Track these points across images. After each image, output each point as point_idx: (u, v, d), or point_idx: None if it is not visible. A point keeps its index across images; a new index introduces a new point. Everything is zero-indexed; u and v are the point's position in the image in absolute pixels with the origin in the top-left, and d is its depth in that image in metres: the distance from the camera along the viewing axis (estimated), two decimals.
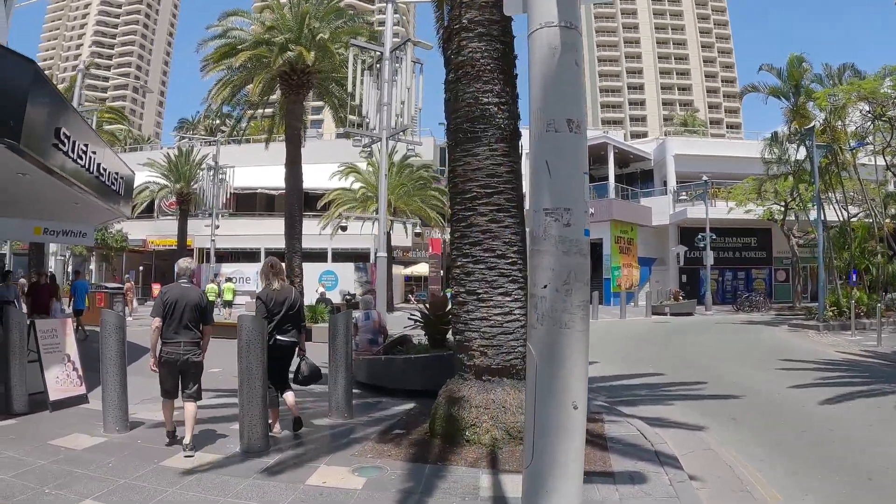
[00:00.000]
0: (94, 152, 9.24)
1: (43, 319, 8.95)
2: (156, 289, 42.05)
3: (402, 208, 31.90)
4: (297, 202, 18.58)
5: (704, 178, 37.22)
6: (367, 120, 16.80)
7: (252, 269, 38.81)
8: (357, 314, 10.49)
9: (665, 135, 58.69)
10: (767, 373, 11.96)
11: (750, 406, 8.80)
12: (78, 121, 8.93)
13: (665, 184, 45.24)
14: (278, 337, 6.51)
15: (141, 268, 46.14)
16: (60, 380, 8.05)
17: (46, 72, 13.90)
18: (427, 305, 10.21)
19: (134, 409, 7.42)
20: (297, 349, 6.87)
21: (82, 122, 9.82)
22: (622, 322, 26.25)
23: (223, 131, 47.58)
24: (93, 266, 45.49)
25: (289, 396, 6.81)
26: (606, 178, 43.22)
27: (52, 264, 47.68)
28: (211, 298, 33.69)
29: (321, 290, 30.33)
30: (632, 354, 15.27)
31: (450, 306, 9.65)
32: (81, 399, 8.22)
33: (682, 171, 43.89)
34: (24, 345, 7.74)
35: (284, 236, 18.45)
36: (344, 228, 23.05)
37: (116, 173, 11.16)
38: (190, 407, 5.99)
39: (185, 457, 5.68)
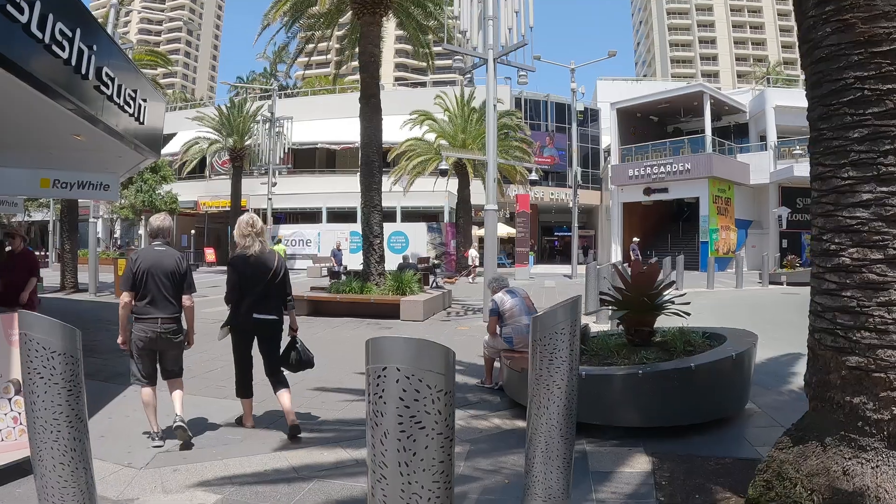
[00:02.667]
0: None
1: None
2: (209, 254, 39.57)
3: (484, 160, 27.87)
4: (374, 144, 14.92)
5: None
6: (468, 38, 13.22)
7: (313, 231, 35.85)
8: (499, 296, 6.92)
9: (760, 83, 53.22)
10: None
11: None
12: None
13: (762, 139, 40.92)
14: (256, 315, 5.17)
15: (193, 231, 43.64)
16: None
17: None
18: (626, 277, 6.41)
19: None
20: (279, 330, 5.41)
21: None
22: (742, 292, 22.15)
23: (278, 77, 44.25)
24: (141, 231, 43.05)
25: (284, 397, 5.26)
26: (701, 132, 39.06)
27: (99, 229, 45.96)
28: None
29: (336, 247, 26.94)
30: None
31: (656, 280, 6.07)
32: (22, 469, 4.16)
33: (783, 125, 39.42)
34: None
35: (361, 187, 14.89)
36: (444, 173, 19.23)
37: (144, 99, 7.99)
38: (174, 383, 5.12)
39: (176, 428, 4.79)
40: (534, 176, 21.71)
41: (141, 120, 8.18)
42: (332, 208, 37.61)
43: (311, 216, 38.68)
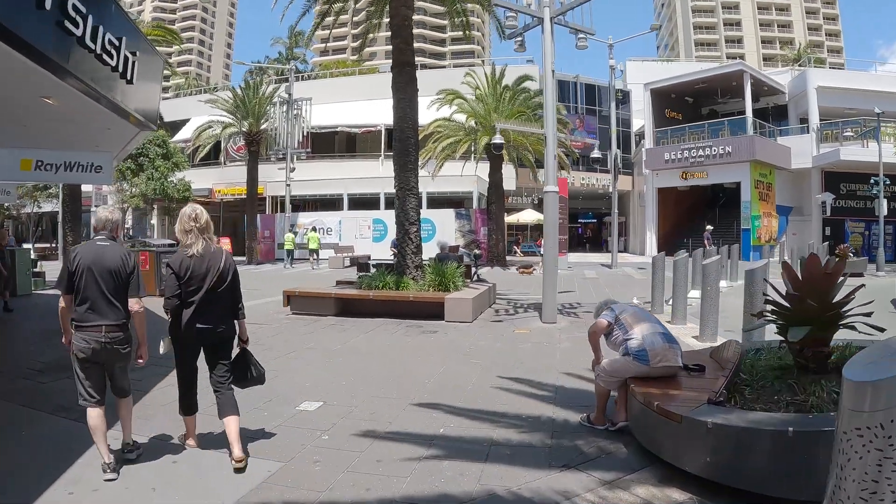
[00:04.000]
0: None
1: None
2: (224, 243, 37.99)
3: (520, 141, 25.96)
4: (409, 119, 13.11)
5: (878, 110, 30.22)
6: None
7: (334, 219, 34.13)
8: (614, 310, 5.25)
9: (800, 64, 50.76)
10: None
11: None
12: None
13: (802, 121, 38.62)
14: (200, 324, 4.30)
15: None
16: None
17: None
18: (793, 276, 4.58)
19: None
20: (228, 340, 4.57)
21: None
22: None
23: (295, 57, 42.41)
24: (154, 221, 41.55)
25: (232, 424, 4.32)
26: (738, 114, 37.22)
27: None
28: (288, 247, 29.43)
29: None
30: None
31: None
32: None
33: (825, 107, 37.16)
34: None
35: (394, 167, 13.13)
36: (499, 147, 17.04)
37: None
38: (122, 403, 4.40)
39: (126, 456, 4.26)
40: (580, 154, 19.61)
41: (128, 77, 6.46)
42: (354, 195, 35.75)
43: (331, 203, 36.92)
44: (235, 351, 4.68)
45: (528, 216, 39.10)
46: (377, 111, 35.19)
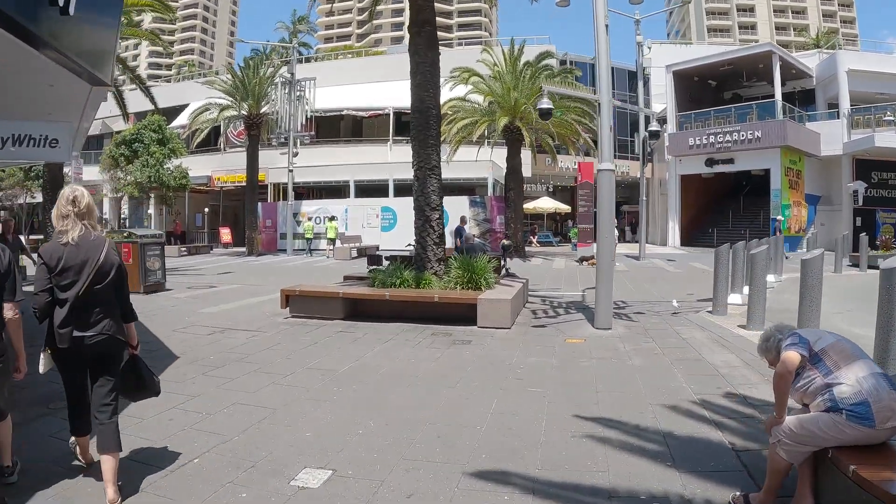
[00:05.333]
0: None
1: None
2: (224, 234, 36.15)
3: (540, 124, 23.94)
4: (430, 87, 11.19)
5: None
6: None
7: (340, 207, 32.25)
8: (805, 339, 3.36)
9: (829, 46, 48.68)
10: None
11: None
12: None
13: (830, 106, 36.47)
14: (77, 331, 3.58)
15: (206, 210, 40.23)
16: None
17: None
18: None
19: None
20: (116, 351, 3.83)
21: None
22: (848, 277, 18.20)
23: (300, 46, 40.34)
24: (151, 210, 39.68)
25: (108, 463, 3.57)
26: (765, 97, 35.39)
27: (106, 209, 42.68)
28: (308, 236, 27.92)
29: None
30: None
31: None
32: None
33: (856, 92, 35.05)
34: None
35: (413, 143, 11.26)
36: (546, 115, 14.65)
37: None
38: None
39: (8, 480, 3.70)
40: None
41: (62, 3, 4.55)
42: (361, 181, 33.71)
43: (336, 191, 35.02)
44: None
45: (545, 204, 37.17)
46: (385, 93, 33.30)
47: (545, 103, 12.64)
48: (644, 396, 5.50)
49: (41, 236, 38.51)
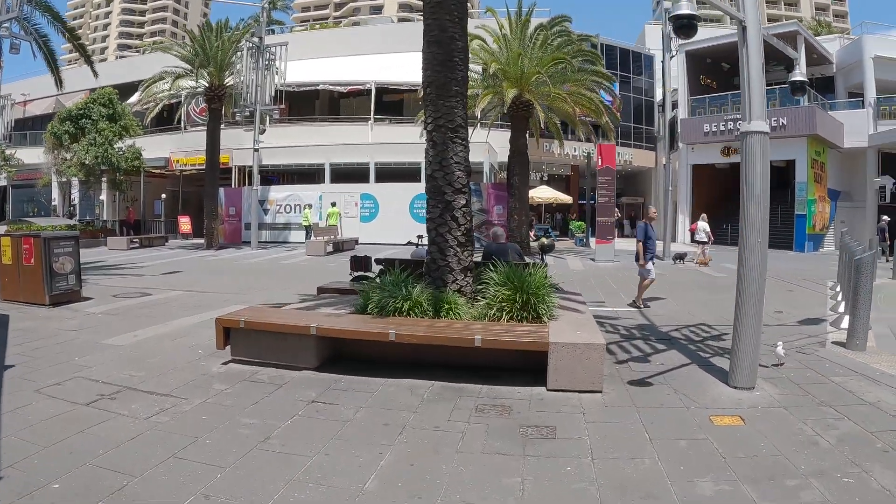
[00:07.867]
0: None
1: None
2: (183, 223, 31.99)
3: (555, 100, 20.28)
4: (455, 7, 7.45)
5: None
6: None
7: (313, 193, 28.30)
8: None
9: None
10: None
11: None
12: None
13: (851, 95, 33.87)
14: None
15: (164, 196, 35.88)
16: None
17: None
18: None
19: None
20: None
21: None
22: None
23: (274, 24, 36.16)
24: (104, 196, 35.28)
25: None
26: (784, 84, 31.63)
27: (54, 195, 38.20)
28: (306, 224, 25.27)
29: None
30: None
31: None
32: None
33: (883, 80, 32.35)
34: None
35: (427, 91, 7.48)
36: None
37: None
38: None
39: None
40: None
41: None
42: (338, 165, 29.55)
43: (310, 176, 30.88)
44: None
45: (544, 193, 33.57)
46: (365, 67, 29.33)
47: (685, 7, 6.79)
48: None
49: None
